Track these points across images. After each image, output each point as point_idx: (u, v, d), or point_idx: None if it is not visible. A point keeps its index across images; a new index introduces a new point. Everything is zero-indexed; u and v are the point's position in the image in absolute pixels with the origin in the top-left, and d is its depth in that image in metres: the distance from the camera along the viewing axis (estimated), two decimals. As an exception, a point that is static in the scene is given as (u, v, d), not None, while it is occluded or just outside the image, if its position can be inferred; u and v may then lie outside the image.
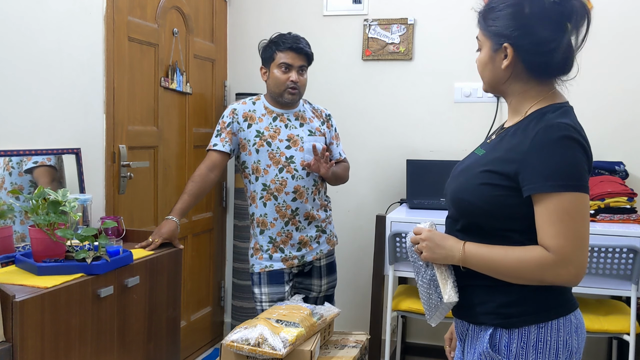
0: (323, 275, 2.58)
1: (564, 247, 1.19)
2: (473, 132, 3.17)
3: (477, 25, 1.38)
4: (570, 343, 1.27)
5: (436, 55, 3.25)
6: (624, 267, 2.40)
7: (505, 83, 1.34)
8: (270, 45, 2.49)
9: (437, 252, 1.34)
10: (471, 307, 1.35)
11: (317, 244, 2.53)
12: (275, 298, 2.46)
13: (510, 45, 1.29)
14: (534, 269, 1.22)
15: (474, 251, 1.30)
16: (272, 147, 2.43)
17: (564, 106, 1.30)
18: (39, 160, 2.09)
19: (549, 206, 1.20)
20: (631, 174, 2.94)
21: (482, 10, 1.37)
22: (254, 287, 2.51)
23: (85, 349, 1.71)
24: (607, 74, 3.03)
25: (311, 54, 2.50)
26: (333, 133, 2.63)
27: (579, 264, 1.20)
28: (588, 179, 1.24)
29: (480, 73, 1.40)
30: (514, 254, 1.24)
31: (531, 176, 1.22)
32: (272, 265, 2.47)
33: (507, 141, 1.31)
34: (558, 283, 1.23)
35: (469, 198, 1.32)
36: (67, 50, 2.22)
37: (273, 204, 2.43)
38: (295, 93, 2.46)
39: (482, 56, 1.37)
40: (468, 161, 1.41)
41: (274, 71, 2.46)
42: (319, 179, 2.52)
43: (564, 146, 1.20)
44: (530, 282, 1.24)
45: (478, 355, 1.32)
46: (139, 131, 2.69)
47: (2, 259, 1.81)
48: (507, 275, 1.26)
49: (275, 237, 2.46)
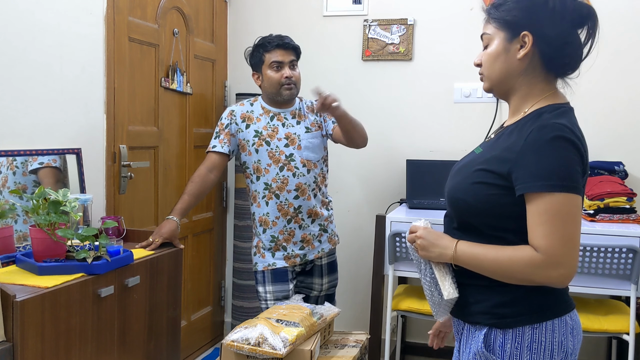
0: (324, 274, 2.59)
1: (553, 248, 1.19)
2: (473, 132, 3.17)
3: (486, 19, 1.37)
4: (565, 344, 1.28)
5: (436, 56, 3.26)
6: (624, 267, 2.40)
7: (515, 76, 1.32)
8: (257, 49, 2.51)
9: (431, 251, 1.35)
10: (466, 306, 1.36)
11: (319, 242, 2.53)
12: (280, 296, 2.46)
13: (530, 33, 1.28)
14: (524, 269, 1.22)
15: (466, 250, 1.30)
16: (271, 146, 2.44)
17: (563, 107, 1.30)
18: (44, 162, 2.10)
19: (539, 206, 1.20)
20: (630, 174, 2.94)
21: (493, 6, 1.36)
22: (258, 285, 2.52)
23: (85, 349, 1.72)
24: (607, 74, 3.03)
25: (298, 47, 2.53)
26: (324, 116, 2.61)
27: (569, 265, 1.20)
28: (581, 180, 1.23)
29: (487, 68, 1.36)
30: (504, 254, 1.25)
31: (523, 176, 1.22)
32: (275, 264, 2.47)
33: (504, 140, 1.31)
34: (547, 284, 1.23)
35: (463, 197, 1.32)
36: (68, 51, 2.22)
37: (275, 203, 2.44)
38: (292, 88, 2.47)
39: (494, 48, 1.34)
40: (465, 160, 1.42)
41: (266, 73, 2.48)
42: (319, 176, 2.52)
43: (556, 146, 1.20)
44: (521, 282, 1.25)
45: (473, 354, 1.32)
46: (140, 131, 2.69)
47: (3, 258, 1.81)
48: (497, 274, 1.27)
49: (278, 236, 2.46)
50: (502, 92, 1.38)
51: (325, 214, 2.55)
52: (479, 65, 1.40)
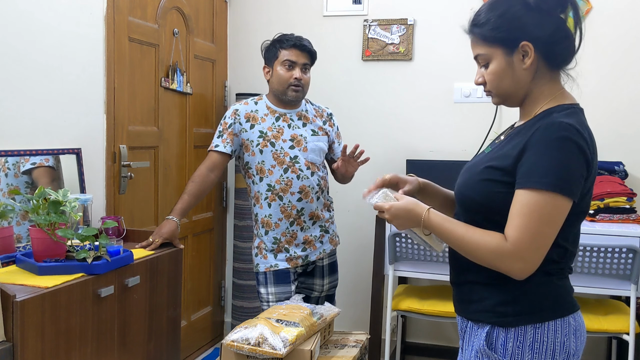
0: (325, 274, 2.59)
1: (521, 242, 1.20)
2: (473, 133, 3.17)
3: (474, 42, 1.34)
4: (568, 345, 1.27)
5: (436, 56, 3.26)
6: (624, 267, 2.40)
7: (526, 84, 1.31)
8: (274, 43, 2.50)
9: (404, 225, 1.37)
10: (469, 303, 1.36)
11: (321, 243, 2.53)
12: (283, 297, 2.45)
13: (528, 41, 1.27)
14: (489, 254, 1.24)
15: (437, 220, 1.32)
16: (276, 147, 2.43)
17: (573, 107, 1.30)
18: (37, 161, 2.09)
19: (523, 199, 1.21)
20: (630, 174, 2.94)
21: (474, 23, 1.34)
22: (260, 287, 2.51)
23: (85, 349, 1.72)
24: (607, 74, 3.03)
25: (314, 52, 2.52)
26: (335, 131, 2.63)
27: (531, 262, 1.21)
28: (580, 183, 1.22)
29: (496, 86, 1.33)
30: (474, 235, 1.27)
31: (522, 171, 1.23)
32: (277, 265, 2.46)
33: (512, 139, 1.31)
34: (505, 272, 1.24)
35: (470, 194, 1.33)
36: (68, 51, 2.23)
37: (278, 205, 2.43)
38: (298, 91, 2.45)
39: (496, 67, 1.31)
40: (475, 159, 1.42)
41: (277, 69, 2.46)
42: (322, 179, 2.52)
43: (559, 146, 1.20)
44: (486, 265, 1.26)
45: (475, 352, 1.33)
46: (140, 131, 2.69)
47: (3, 258, 1.81)
48: (465, 252, 1.29)
49: (280, 238, 2.45)
50: (514, 102, 1.37)
51: (326, 216, 2.55)
52: (481, 84, 1.37)
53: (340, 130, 2.71)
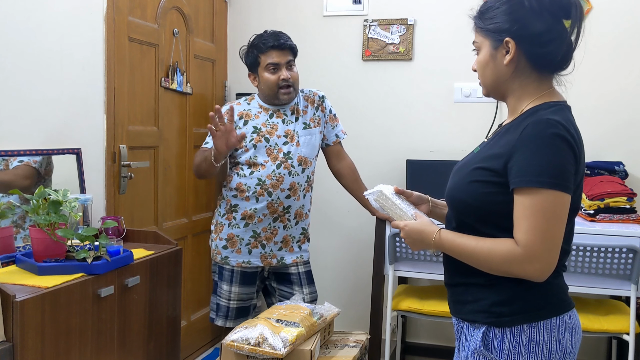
0: (304, 283, 2.55)
1: (532, 243, 1.20)
2: (473, 132, 3.17)
3: (474, 28, 1.39)
4: (564, 343, 1.28)
5: (436, 56, 3.26)
6: (624, 267, 2.40)
7: (507, 81, 1.34)
8: (251, 49, 2.46)
9: (415, 245, 1.42)
10: (464, 304, 1.36)
11: (299, 248, 2.53)
12: (245, 298, 2.45)
13: (512, 38, 1.29)
14: (502, 261, 1.24)
15: (448, 239, 1.33)
16: (270, 142, 2.42)
17: (559, 104, 1.31)
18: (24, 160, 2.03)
19: (525, 200, 1.21)
20: (631, 174, 2.94)
21: (478, 11, 1.38)
22: (223, 282, 2.48)
23: (85, 349, 1.72)
24: (607, 74, 3.03)
25: (294, 46, 2.47)
26: (327, 115, 2.59)
27: (546, 262, 1.22)
28: (572, 178, 1.23)
29: (480, 75, 1.40)
30: (485, 245, 1.27)
31: (515, 171, 1.23)
32: (249, 262, 2.44)
33: (500, 138, 1.32)
34: (524, 277, 1.24)
35: (461, 196, 1.33)
36: (68, 50, 2.22)
37: (266, 200, 2.42)
38: (290, 92, 2.44)
39: (482, 57, 1.37)
40: (464, 160, 1.43)
41: (263, 75, 2.44)
42: (312, 175, 2.52)
43: (549, 143, 1.20)
44: (498, 273, 1.27)
45: (472, 353, 1.33)
46: (140, 131, 2.69)
47: (3, 258, 1.81)
48: (478, 264, 1.29)
49: (260, 232, 2.44)
50: (498, 95, 1.40)
51: (308, 219, 2.55)
52: (475, 71, 1.42)
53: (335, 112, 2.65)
